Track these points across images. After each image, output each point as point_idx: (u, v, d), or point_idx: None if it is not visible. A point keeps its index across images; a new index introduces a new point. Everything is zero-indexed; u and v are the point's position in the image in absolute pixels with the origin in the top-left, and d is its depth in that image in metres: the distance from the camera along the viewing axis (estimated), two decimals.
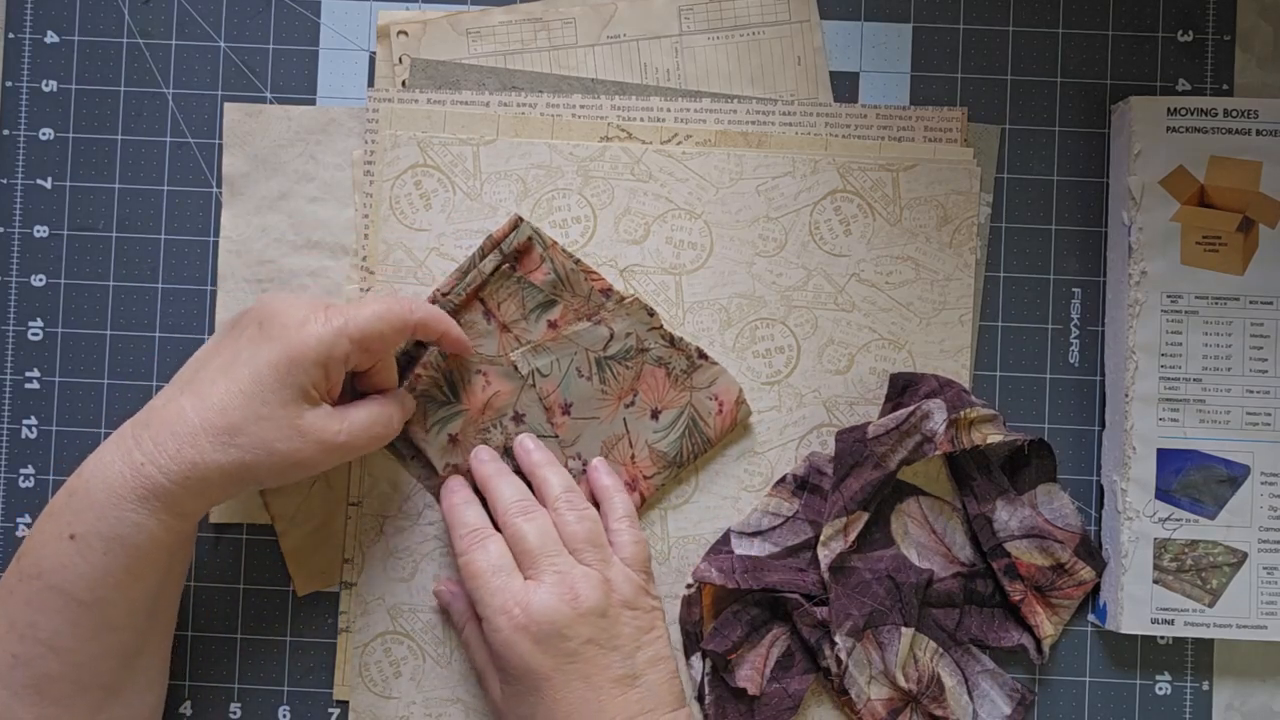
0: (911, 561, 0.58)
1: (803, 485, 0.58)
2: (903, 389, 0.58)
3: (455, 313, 0.58)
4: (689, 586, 0.58)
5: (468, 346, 0.57)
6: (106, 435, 0.60)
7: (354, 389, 0.56)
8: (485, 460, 0.57)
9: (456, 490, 0.57)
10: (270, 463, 0.50)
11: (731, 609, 0.58)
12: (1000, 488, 0.58)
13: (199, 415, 0.49)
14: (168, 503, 0.49)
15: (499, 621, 0.52)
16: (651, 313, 0.59)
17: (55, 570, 0.48)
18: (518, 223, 0.59)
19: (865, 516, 0.57)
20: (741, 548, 0.58)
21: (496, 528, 0.55)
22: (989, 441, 0.56)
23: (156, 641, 0.53)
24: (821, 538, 0.57)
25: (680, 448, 0.59)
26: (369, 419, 0.53)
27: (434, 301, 0.58)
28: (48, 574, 0.49)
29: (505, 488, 0.56)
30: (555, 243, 0.59)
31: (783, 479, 0.59)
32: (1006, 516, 0.57)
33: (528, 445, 0.58)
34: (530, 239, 0.59)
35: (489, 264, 0.58)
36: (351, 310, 0.51)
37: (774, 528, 0.58)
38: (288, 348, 0.50)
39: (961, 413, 0.56)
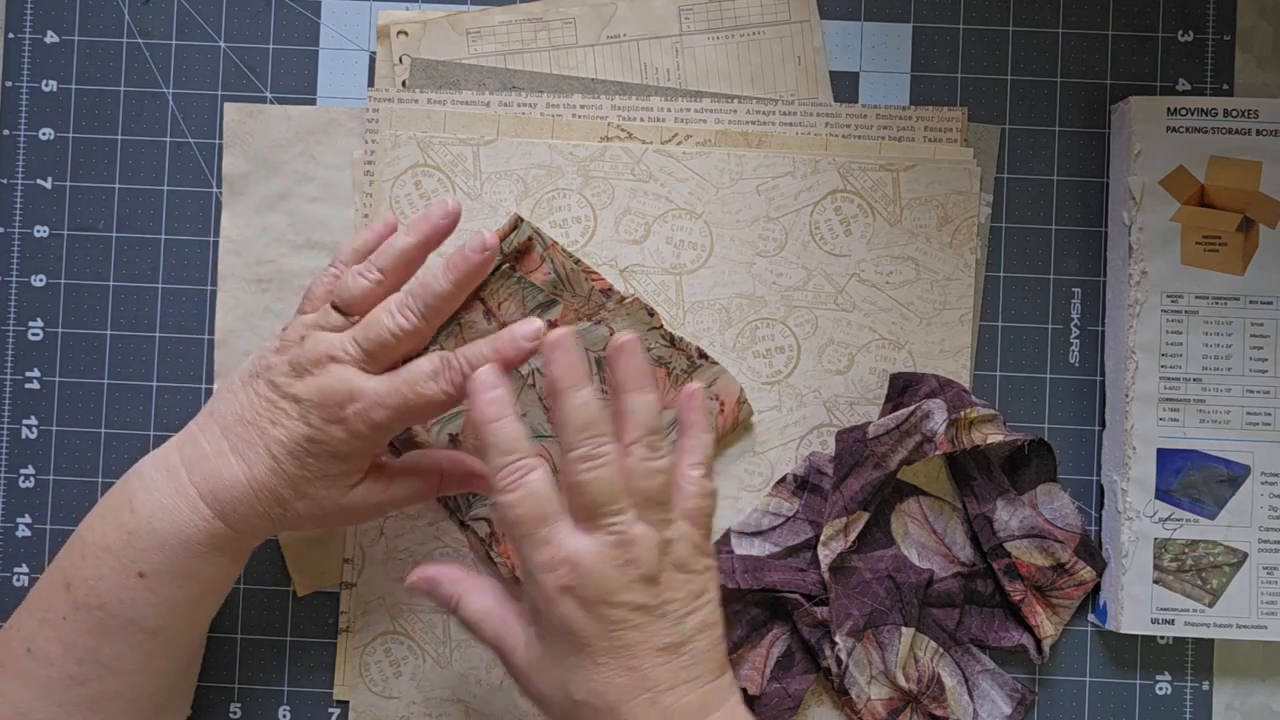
0: (912, 561, 0.58)
1: (803, 485, 0.58)
2: (903, 389, 0.58)
3: (456, 313, 0.58)
4: None
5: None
6: (106, 436, 0.60)
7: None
8: (558, 359, 0.49)
9: (491, 391, 0.48)
10: (323, 525, 0.53)
11: (731, 609, 0.58)
12: (1000, 488, 0.58)
13: (253, 486, 0.50)
14: (237, 547, 0.52)
15: (544, 579, 0.47)
16: (652, 313, 0.59)
17: (122, 603, 0.50)
18: (518, 222, 0.59)
19: (865, 516, 0.57)
20: (741, 548, 0.58)
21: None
22: (989, 441, 0.56)
23: (197, 660, 0.57)
24: (822, 537, 0.57)
25: None
26: (409, 492, 0.54)
27: None
28: (112, 606, 0.50)
29: (575, 413, 0.48)
30: (555, 242, 0.59)
31: (783, 479, 0.59)
32: (1007, 516, 0.57)
33: (628, 348, 0.49)
34: (531, 239, 0.59)
35: None
36: (386, 401, 0.49)
37: (774, 527, 0.58)
38: (327, 443, 0.50)
39: (962, 413, 0.56)
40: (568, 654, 0.47)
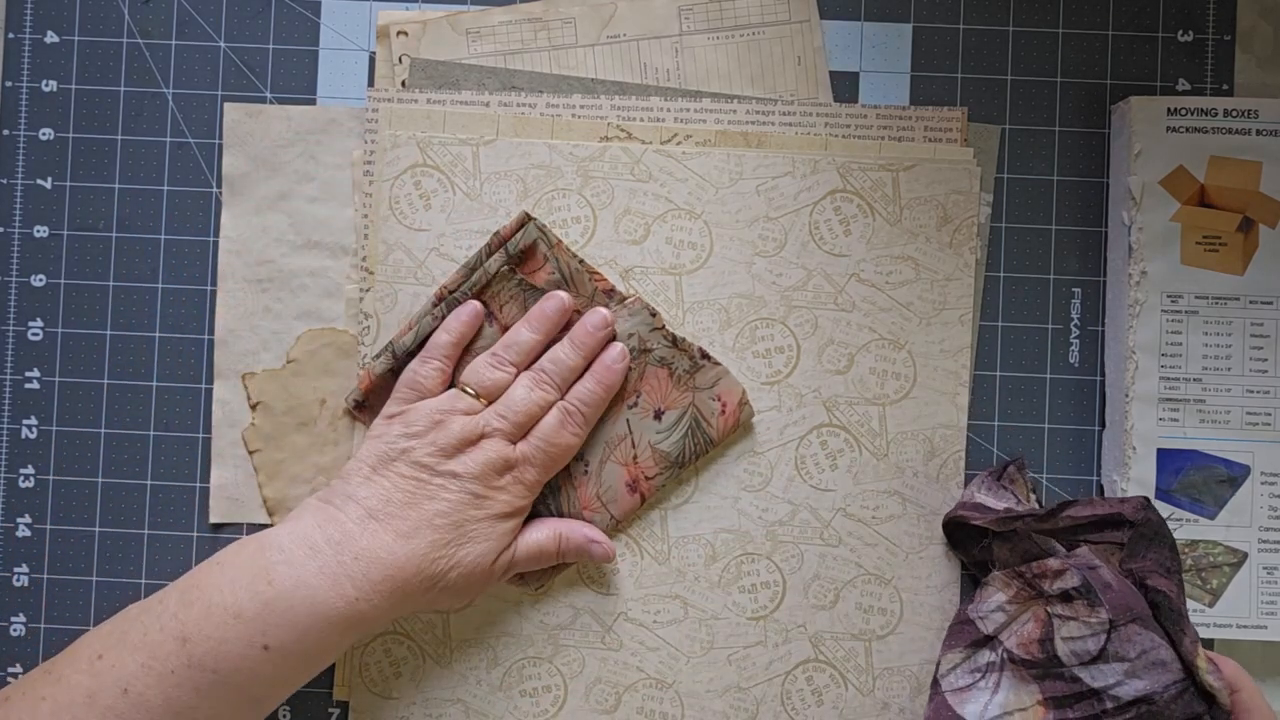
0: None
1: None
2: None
3: None
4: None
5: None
6: (106, 436, 0.60)
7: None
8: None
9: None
10: (454, 600, 0.55)
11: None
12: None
13: (412, 560, 0.52)
14: (369, 628, 0.53)
15: None
16: (654, 313, 0.59)
17: (239, 672, 0.50)
18: (525, 220, 0.59)
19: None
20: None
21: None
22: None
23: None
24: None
25: (683, 448, 0.59)
26: (535, 550, 0.57)
27: (440, 299, 0.58)
28: (227, 674, 0.49)
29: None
30: (560, 242, 0.59)
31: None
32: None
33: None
34: (535, 239, 0.59)
35: (494, 263, 0.58)
36: (534, 460, 0.55)
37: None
38: (493, 505, 0.54)
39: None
40: None
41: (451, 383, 0.57)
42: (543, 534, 0.57)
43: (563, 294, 0.58)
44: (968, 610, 0.57)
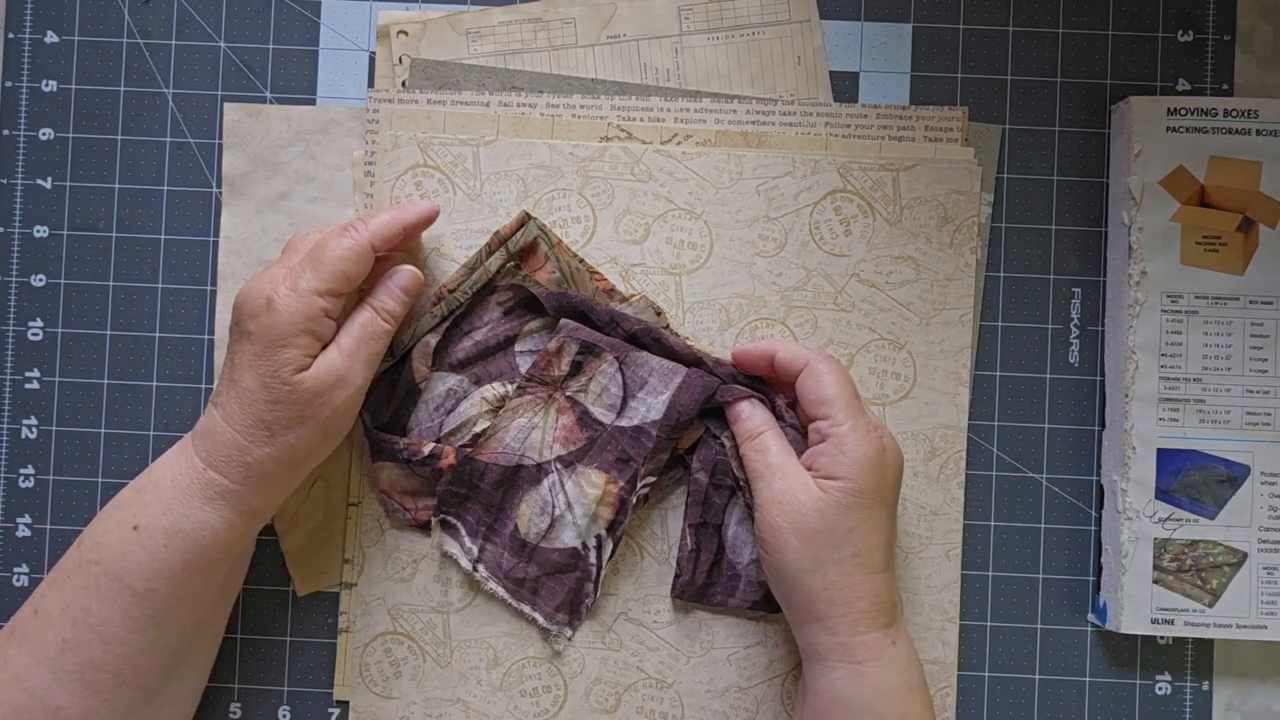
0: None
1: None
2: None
3: (462, 315, 0.58)
4: None
5: (430, 211, 0.56)
6: (106, 436, 0.60)
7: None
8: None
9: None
10: (310, 431, 0.52)
11: None
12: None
13: (231, 426, 0.52)
14: (234, 502, 0.52)
15: None
16: (659, 311, 0.59)
17: (114, 558, 0.51)
18: (525, 220, 0.58)
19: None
20: None
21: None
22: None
23: (200, 651, 0.56)
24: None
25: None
26: (359, 331, 0.54)
27: (439, 299, 0.58)
28: (106, 561, 0.51)
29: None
30: (561, 241, 0.59)
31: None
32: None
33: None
34: (536, 238, 0.59)
35: (495, 262, 0.58)
36: (313, 263, 0.52)
37: None
38: (266, 335, 0.51)
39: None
40: None
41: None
42: (352, 312, 0.55)
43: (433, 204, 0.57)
44: (498, 457, 0.57)
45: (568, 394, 0.58)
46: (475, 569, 0.58)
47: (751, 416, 0.55)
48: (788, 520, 0.51)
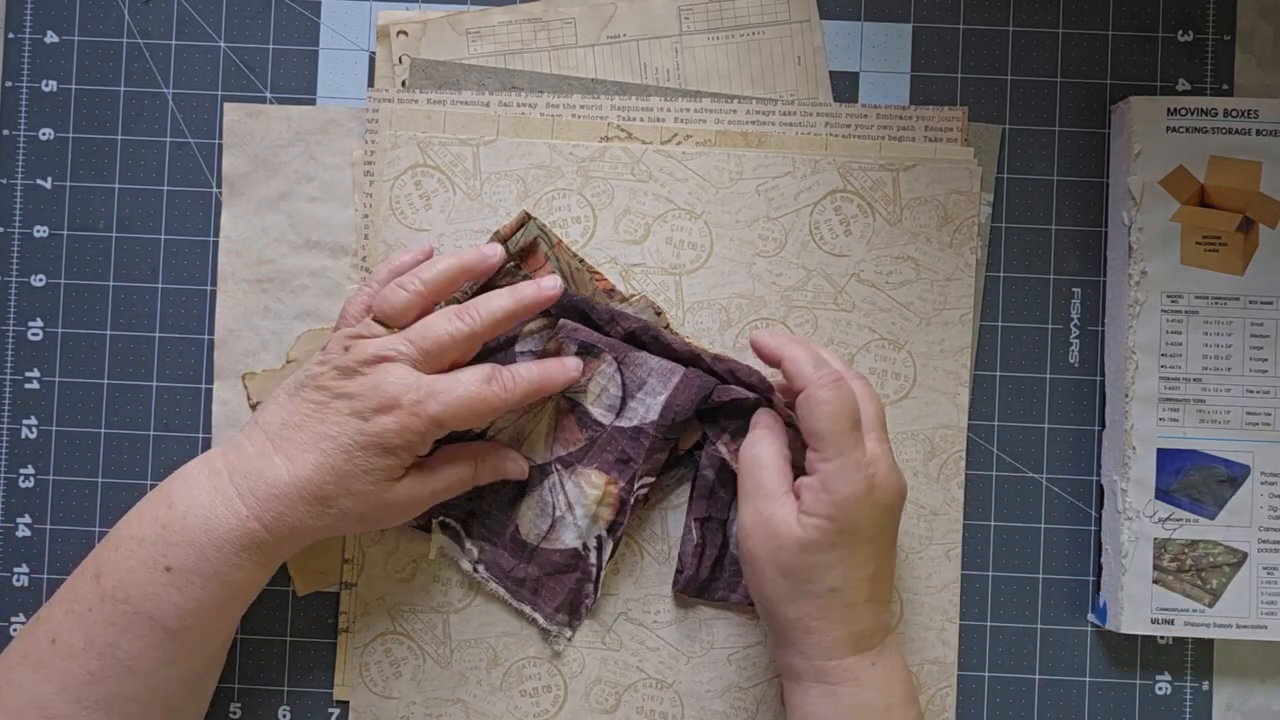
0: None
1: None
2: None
3: None
4: None
5: (548, 295, 0.55)
6: (106, 436, 0.60)
7: None
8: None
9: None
10: (361, 525, 0.53)
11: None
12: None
13: (296, 483, 0.51)
14: (267, 553, 0.51)
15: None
16: (659, 311, 0.59)
17: (146, 599, 0.50)
18: (525, 219, 0.58)
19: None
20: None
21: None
22: None
23: (216, 666, 0.56)
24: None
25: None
26: (449, 483, 0.54)
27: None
28: (136, 601, 0.50)
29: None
30: (561, 241, 0.59)
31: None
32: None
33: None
34: (536, 238, 0.59)
35: None
36: (441, 397, 0.51)
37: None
38: (379, 435, 0.51)
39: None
40: None
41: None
42: (459, 457, 0.55)
43: (500, 250, 0.56)
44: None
45: (567, 394, 0.58)
46: (476, 570, 0.58)
47: (755, 427, 0.55)
48: (767, 551, 0.50)
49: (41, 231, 0.61)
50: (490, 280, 0.58)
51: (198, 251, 0.61)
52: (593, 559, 0.58)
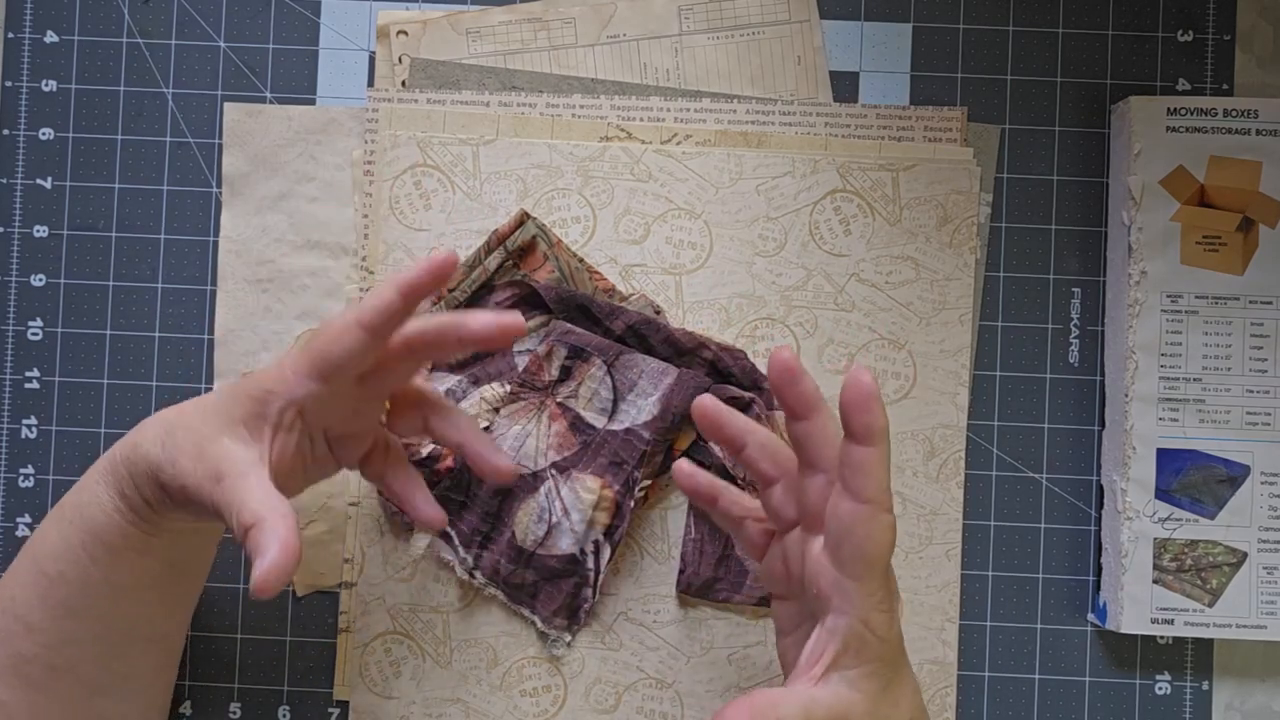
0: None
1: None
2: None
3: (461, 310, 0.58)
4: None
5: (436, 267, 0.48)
6: (106, 436, 0.60)
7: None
8: None
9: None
10: (173, 474, 0.46)
11: None
12: None
13: (161, 413, 0.49)
14: (116, 479, 0.48)
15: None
16: (659, 310, 0.59)
17: (35, 540, 0.50)
18: (524, 219, 0.59)
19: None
20: None
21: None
22: None
23: (140, 653, 0.52)
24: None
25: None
26: (257, 502, 0.43)
27: (438, 299, 0.58)
28: (34, 544, 0.50)
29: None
30: (560, 240, 0.59)
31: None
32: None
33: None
34: (535, 237, 0.59)
35: (493, 261, 0.58)
36: (310, 349, 0.46)
37: None
38: (240, 383, 0.48)
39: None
40: None
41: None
42: (275, 509, 0.47)
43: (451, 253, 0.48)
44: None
45: (559, 400, 0.58)
46: (473, 576, 0.58)
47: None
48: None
49: (41, 231, 0.61)
50: (488, 281, 0.58)
51: (198, 251, 0.61)
52: (590, 564, 0.58)
